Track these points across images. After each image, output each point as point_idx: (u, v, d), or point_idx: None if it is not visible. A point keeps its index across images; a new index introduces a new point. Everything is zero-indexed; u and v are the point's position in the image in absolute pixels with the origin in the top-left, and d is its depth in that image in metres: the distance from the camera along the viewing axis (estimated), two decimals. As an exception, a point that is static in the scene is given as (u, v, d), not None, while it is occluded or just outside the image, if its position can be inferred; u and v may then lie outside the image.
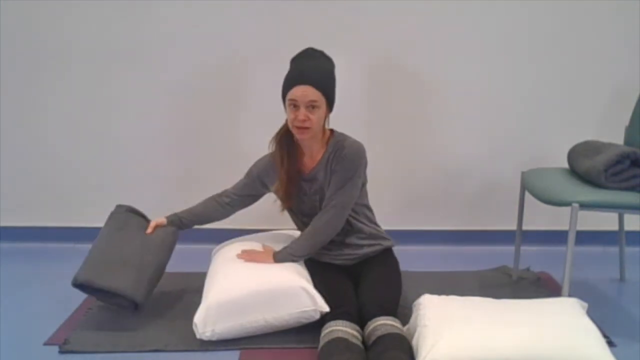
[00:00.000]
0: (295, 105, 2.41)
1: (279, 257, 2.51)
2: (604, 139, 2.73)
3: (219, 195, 2.72)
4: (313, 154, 2.54)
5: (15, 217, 3.37)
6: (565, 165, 2.79)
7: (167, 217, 2.70)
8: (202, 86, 3.24)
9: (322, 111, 2.43)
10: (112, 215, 2.72)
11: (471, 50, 3.22)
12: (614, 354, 2.05)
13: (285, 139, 2.53)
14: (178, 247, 3.26)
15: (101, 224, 3.37)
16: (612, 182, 2.45)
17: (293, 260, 2.52)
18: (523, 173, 2.83)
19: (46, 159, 3.33)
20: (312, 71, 2.42)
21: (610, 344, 2.29)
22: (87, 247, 2.48)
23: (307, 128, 2.42)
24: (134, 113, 3.27)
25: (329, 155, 2.51)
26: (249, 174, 2.68)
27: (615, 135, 2.86)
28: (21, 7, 3.15)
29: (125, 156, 3.33)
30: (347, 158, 2.47)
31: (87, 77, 3.23)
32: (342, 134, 2.56)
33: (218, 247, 2.79)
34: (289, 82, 2.44)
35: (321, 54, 2.50)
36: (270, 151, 2.60)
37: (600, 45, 3.21)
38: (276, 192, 2.62)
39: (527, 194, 2.74)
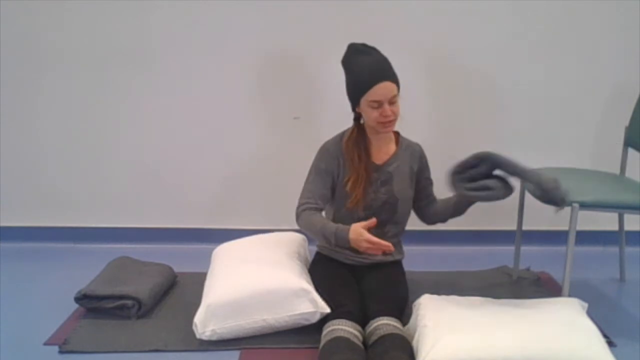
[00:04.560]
0: (379, 104, 2.38)
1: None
2: (604, 138, 2.73)
3: (315, 207, 2.50)
4: (382, 148, 2.54)
5: (15, 217, 3.37)
6: (566, 165, 2.78)
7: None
8: (202, 86, 3.23)
9: (398, 101, 2.43)
10: (110, 263, 2.86)
11: (469, 51, 3.21)
12: (614, 354, 2.05)
13: (358, 139, 2.49)
14: (178, 247, 3.28)
15: (101, 224, 3.39)
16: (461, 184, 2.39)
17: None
18: (523, 173, 2.82)
19: (46, 159, 3.33)
20: (384, 65, 2.40)
21: (610, 344, 2.28)
22: (87, 247, 2.48)
23: (391, 121, 2.43)
24: (134, 113, 3.26)
25: (404, 152, 2.57)
26: (319, 171, 2.51)
27: (615, 135, 2.87)
28: (21, 7, 3.14)
29: (125, 157, 3.32)
30: (424, 158, 2.63)
31: (87, 78, 3.22)
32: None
33: (219, 247, 2.78)
34: (366, 82, 2.37)
35: (372, 47, 2.45)
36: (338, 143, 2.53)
37: (600, 45, 3.21)
38: (347, 188, 2.48)
39: (527, 194, 2.74)
